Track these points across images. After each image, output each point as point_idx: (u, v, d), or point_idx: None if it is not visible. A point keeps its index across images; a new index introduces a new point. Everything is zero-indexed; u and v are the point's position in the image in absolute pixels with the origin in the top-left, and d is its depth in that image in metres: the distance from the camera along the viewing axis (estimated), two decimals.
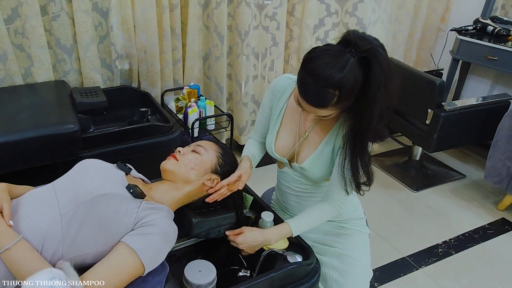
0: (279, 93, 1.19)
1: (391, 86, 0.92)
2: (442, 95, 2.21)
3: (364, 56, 0.90)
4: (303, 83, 0.94)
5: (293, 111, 1.17)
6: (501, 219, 2.29)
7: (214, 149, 1.14)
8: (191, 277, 0.97)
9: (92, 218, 0.88)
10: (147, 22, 1.99)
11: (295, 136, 1.17)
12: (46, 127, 1.48)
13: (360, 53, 0.90)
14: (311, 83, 0.91)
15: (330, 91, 0.90)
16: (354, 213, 1.27)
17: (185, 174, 1.07)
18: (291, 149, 1.18)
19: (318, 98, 0.92)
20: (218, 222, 1.09)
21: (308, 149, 1.14)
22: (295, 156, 1.17)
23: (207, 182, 1.09)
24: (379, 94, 0.91)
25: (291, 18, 2.43)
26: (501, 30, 2.54)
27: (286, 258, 1.05)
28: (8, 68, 1.79)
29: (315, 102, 0.94)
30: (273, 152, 1.20)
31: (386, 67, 0.90)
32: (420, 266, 1.92)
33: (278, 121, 1.19)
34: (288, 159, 1.20)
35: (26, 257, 0.82)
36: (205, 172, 1.10)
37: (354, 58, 0.90)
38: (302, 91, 0.95)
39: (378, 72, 0.89)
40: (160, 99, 2.21)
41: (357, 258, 1.17)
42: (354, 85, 0.90)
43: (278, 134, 1.19)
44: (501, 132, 2.15)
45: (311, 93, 0.93)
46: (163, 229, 0.93)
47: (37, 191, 0.98)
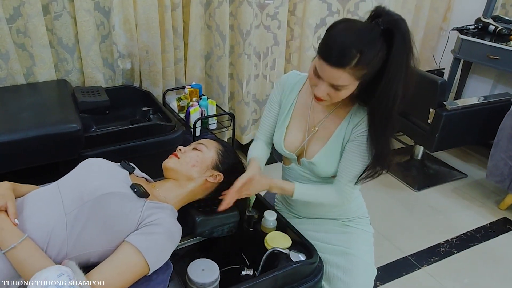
0: (289, 88, 1.20)
1: (411, 62, 0.94)
2: (444, 94, 2.21)
3: (388, 28, 0.91)
4: (325, 43, 0.94)
5: (303, 107, 1.18)
6: (503, 218, 2.29)
7: (214, 146, 1.15)
8: (195, 276, 0.97)
9: (96, 216, 0.88)
10: (149, 21, 1.99)
11: (304, 131, 1.17)
12: (49, 126, 1.47)
13: (385, 23, 0.91)
14: (335, 41, 0.92)
15: (353, 51, 0.90)
16: (358, 211, 1.27)
17: (187, 171, 1.07)
18: (300, 144, 1.17)
19: (339, 56, 0.91)
20: (222, 221, 1.09)
21: (317, 144, 1.14)
22: (304, 151, 1.17)
23: (210, 178, 1.10)
24: (401, 68, 0.92)
25: (292, 17, 2.43)
26: (503, 29, 2.54)
27: (289, 257, 1.05)
28: (10, 68, 1.79)
29: (335, 60, 0.92)
30: (282, 148, 1.20)
31: (408, 41, 0.91)
32: (422, 265, 1.91)
33: (288, 116, 1.19)
34: (297, 155, 1.20)
35: (32, 255, 0.82)
36: (207, 168, 1.10)
37: (380, 27, 0.92)
38: (325, 51, 0.94)
39: (401, 44, 0.90)
40: (162, 98, 2.21)
41: (361, 256, 1.17)
42: (375, 54, 0.91)
43: (288, 130, 1.19)
44: (503, 131, 2.15)
45: (333, 51, 0.92)
46: (168, 228, 0.93)
47: (42, 190, 0.98)
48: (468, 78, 2.97)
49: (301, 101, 1.18)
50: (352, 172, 1.09)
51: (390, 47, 0.91)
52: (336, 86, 0.96)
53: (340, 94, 0.98)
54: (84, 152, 1.57)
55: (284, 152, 1.21)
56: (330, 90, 0.98)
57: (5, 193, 0.90)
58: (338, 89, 0.97)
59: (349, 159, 1.08)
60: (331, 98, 1.01)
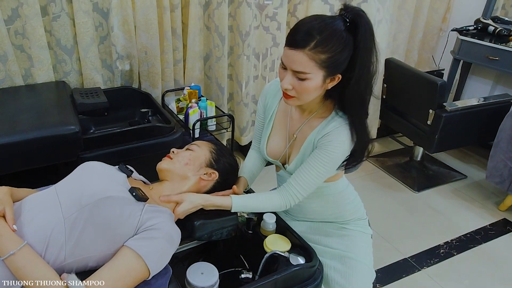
0: (271, 96, 1.21)
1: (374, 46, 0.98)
2: (443, 95, 2.21)
3: (352, 19, 0.95)
4: (291, 30, 0.97)
5: (284, 114, 1.18)
6: (503, 219, 2.29)
7: (207, 145, 1.16)
8: (194, 280, 0.97)
9: (95, 221, 0.88)
10: (148, 22, 1.98)
11: (285, 138, 1.18)
12: (47, 128, 1.47)
13: (349, 15, 0.95)
14: (298, 26, 0.96)
15: (313, 33, 0.93)
16: (356, 213, 1.26)
17: (181, 170, 1.08)
18: (282, 152, 1.18)
19: (300, 38, 0.94)
20: (221, 224, 1.08)
21: (295, 151, 1.14)
22: (286, 158, 1.18)
23: (204, 176, 1.10)
24: (367, 57, 0.96)
25: (293, 18, 2.42)
26: (502, 30, 2.54)
27: (289, 260, 1.04)
28: (8, 69, 1.79)
29: (296, 42, 0.94)
30: (265, 155, 1.22)
31: (371, 26, 0.97)
32: (422, 267, 1.91)
33: (269, 124, 1.20)
34: (282, 162, 1.20)
35: (30, 262, 0.82)
36: (200, 166, 1.11)
37: (344, 18, 0.96)
38: (289, 35, 0.97)
39: (366, 32, 0.95)
40: (161, 99, 2.20)
41: (359, 259, 1.16)
42: (337, 40, 0.93)
43: (270, 137, 1.21)
44: (503, 132, 2.14)
45: (295, 34, 0.95)
46: (168, 233, 0.92)
47: (39, 194, 0.98)
48: (468, 79, 2.97)
49: (282, 108, 1.19)
50: (304, 177, 1.06)
51: (356, 39, 0.95)
52: (298, 74, 0.96)
53: (304, 85, 0.97)
54: (83, 154, 1.57)
55: (268, 159, 1.23)
56: (294, 81, 0.98)
57: (3, 199, 0.90)
58: (301, 78, 0.97)
59: (307, 163, 1.06)
60: (297, 91, 0.99)
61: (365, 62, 0.96)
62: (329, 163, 1.04)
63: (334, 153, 1.03)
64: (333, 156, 1.03)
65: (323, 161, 1.04)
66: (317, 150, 1.06)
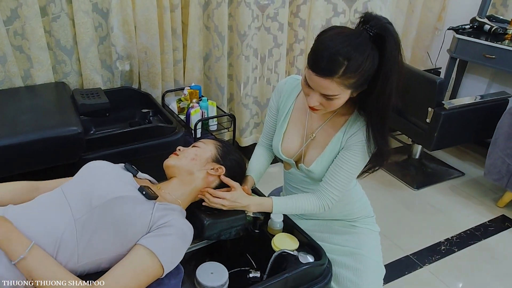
0: (286, 93, 1.19)
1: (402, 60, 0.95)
2: (442, 93, 2.23)
3: (378, 33, 0.91)
4: (314, 52, 0.94)
5: (301, 112, 1.17)
6: (501, 216, 2.32)
7: (212, 142, 1.18)
8: (204, 280, 0.96)
9: (107, 221, 0.87)
10: (147, 22, 1.97)
11: (302, 137, 1.17)
12: (49, 129, 1.45)
13: (374, 29, 0.91)
14: (322, 50, 0.91)
15: (339, 59, 0.89)
16: (364, 211, 1.27)
17: (187, 165, 1.09)
18: (298, 150, 1.17)
19: (326, 65, 0.90)
20: (230, 223, 1.08)
21: (315, 151, 1.14)
22: (302, 157, 1.17)
23: (211, 171, 1.11)
24: (394, 68, 0.93)
25: (296, 19, 2.41)
26: (498, 28, 2.57)
27: (298, 259, 1.04)
28: (8, 70, 1.77)
29: (322, 70, 0.91)
30: (280, 153, 1.20)
31: (399, 42, 0.92)
32: (424, 264, 1.93)
33: (285, 122, 1.19)
34: (295, 160, 1.19)
35: (42, 263, 0.81)
36: (206, 161, 1.12)
37: (369, 33, 0.91)
38: (312, 59, 0.93)
39: (393, 47, 0.91)
40: (161, 100, 2.19)
41: (369, 256, 1.17)
42: (364, 60, 0.90)
43: (285, 135, 1.19)
44: (501, 129, 2.17)
45: (321, 60, 0.91)
46: (180, 229, 0.92)
47: (46, 196, 0.97)
48: (464, 77, 3.00)
49: (299, 106, 1.18)
50: (338, 179, 1.08)
51: (382, 51, 0.91)
52: (327, 96, 0.96)
53: (333, 103, 0.98)
54: (85, 155, 1.56)
55: (282, 157, 1.21)
56: (322, 100, 0.98)
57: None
58: (329, 98, 0.96)
59: (339, 165, 1.08)
60: (325, 107, 1.00)
61: (391, 72, 0.94)
62: (361, 162, 1.07)
63: (365, 153, 1.05)
64: (364, 156, 1.06)
65: (355, 162, 1.06)
66: (347, 152, 1.07)
